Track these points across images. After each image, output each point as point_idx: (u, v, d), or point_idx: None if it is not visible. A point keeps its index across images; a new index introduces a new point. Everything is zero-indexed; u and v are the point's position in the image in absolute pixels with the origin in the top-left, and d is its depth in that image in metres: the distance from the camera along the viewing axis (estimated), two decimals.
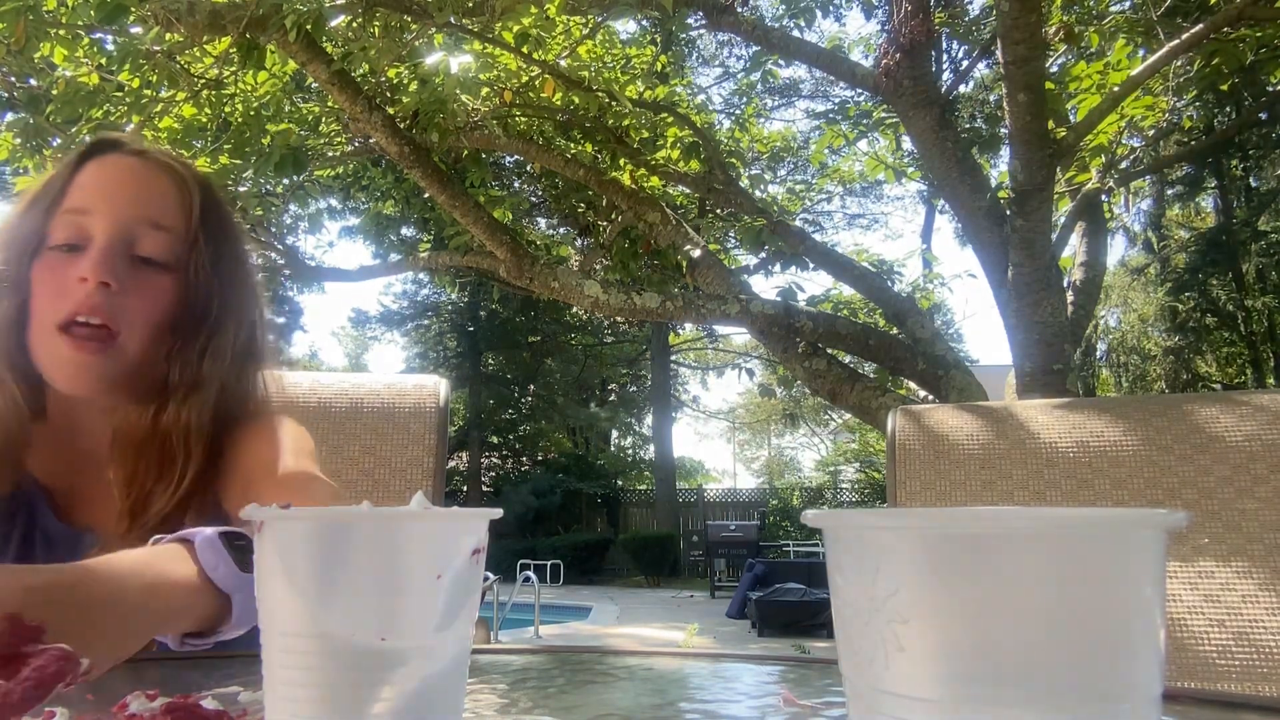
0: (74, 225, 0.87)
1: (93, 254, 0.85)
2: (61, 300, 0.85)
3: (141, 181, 0.91)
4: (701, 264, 4.56)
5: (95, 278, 0.84)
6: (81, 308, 0.84)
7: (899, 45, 3.95)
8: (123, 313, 0.86)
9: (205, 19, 3.56)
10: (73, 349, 0.85)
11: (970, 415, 1.27)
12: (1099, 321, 16.47)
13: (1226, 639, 1.05)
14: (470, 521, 0.44)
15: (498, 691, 0.61)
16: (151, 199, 0.90)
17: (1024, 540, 0.31)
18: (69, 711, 0.50)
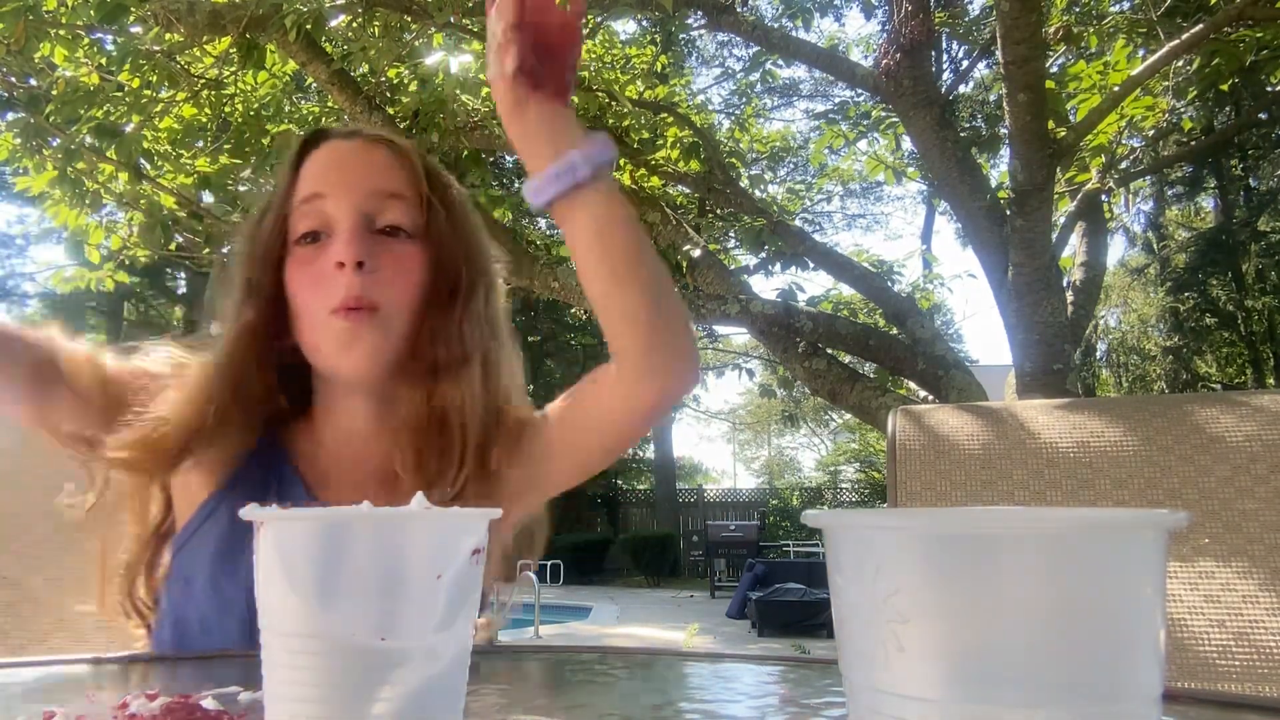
0: (313, 213, 0.88)
1: (342, 236, 0.86)
2: (325, 289, 0.86)
3: (365, 157, 0.92)
4: (701, 264, 4.56)
5: (350, 259, 0.85)
6: (348, 296, 0.85)
7: (899, 45, 3.95)
8: (381, 288, 0.87)
9: (205, 19, 3.55)
10: (347, 323, 0.86)
11: (970, 415, 1.27)
12: (1099, 321, 16.47)
13: (1227, 639, 1.05)
14: (470, 521, 0.44)
15: (498, 691, 0.61)
16: (379, 171, 0.91)
17: (1024, 540, 0.31)
18: (69, 712, 0.50)
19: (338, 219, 0.87)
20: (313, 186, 0.89)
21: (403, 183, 0.91)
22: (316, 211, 0.88)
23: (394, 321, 0.88)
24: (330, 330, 0.87)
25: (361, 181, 0.89)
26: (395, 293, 0.88)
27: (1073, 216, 4.53)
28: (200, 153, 4.80)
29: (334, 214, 0.88)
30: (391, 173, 0.91)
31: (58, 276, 5.09)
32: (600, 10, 4.06)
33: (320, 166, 0.91)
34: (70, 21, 3.87)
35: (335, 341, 0.87)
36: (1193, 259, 15.69)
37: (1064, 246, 4.47)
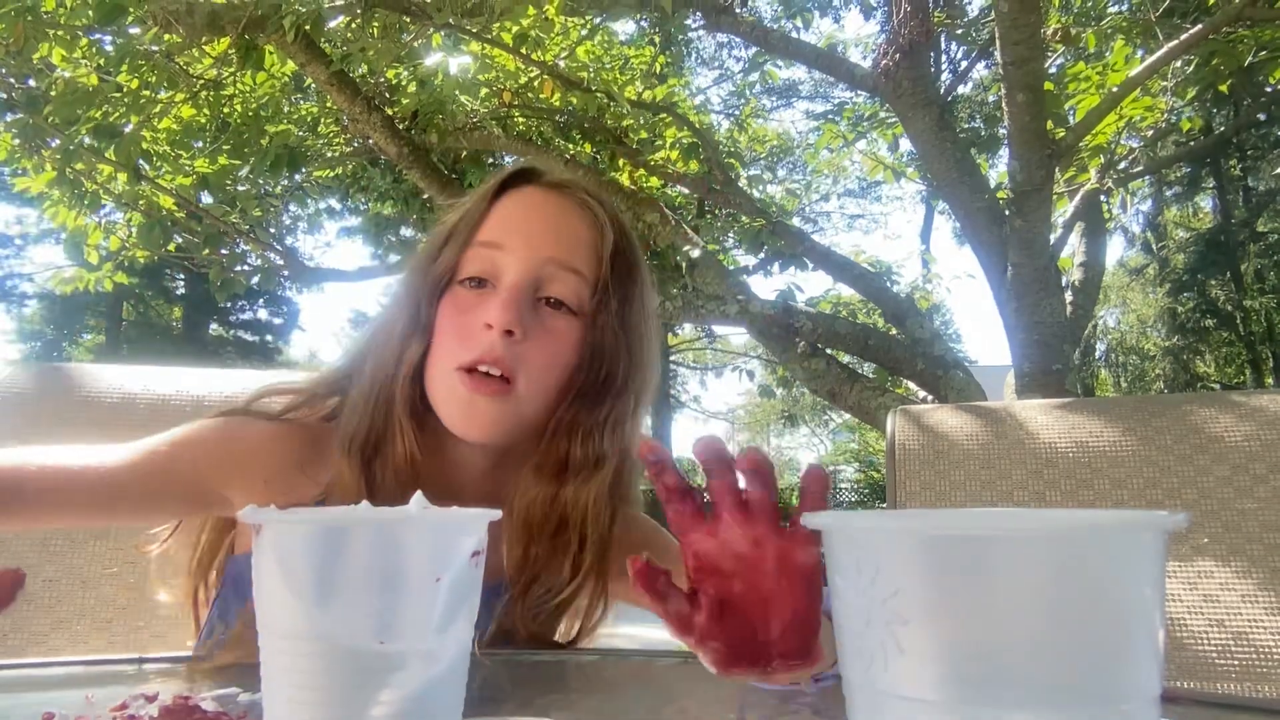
0: (485, 259, 0.84)
1: (501, 297, 0.82)
2: (465, 344, 0.82)
3: (556, 219, 0.87)
4: (700, 264, 4.56)
5: (500, 325, 0.80)
6: (485, 357, 0.81)
7: (898, 46, 3.95)
8: (522, 361, 0.82)
9: (204, 20, 3.55)
10: (470, 389, 0.81)
11: (969, 415, 1.27)
12: (1098, 322, 16.48)
13: (1226, 638, 1.05)
14: (469, 523, 0.44)
15: (497, 693, 0.61)
16: (564, 239, 0.86)
17: (1023, 542, 0.31)
18: (68, 713, 0.50)
19: (505, 276, 0.83)
20: (494, 234, 0.85)
21: (584, 257, 0.86)
22: (489, 259, 0.84)
23: (528, 400, 0.83)
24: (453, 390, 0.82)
25: (541, 246, 0.84)
26: (537, 369, 0.83)
27: (1072, 217, 4.53)
28: (199, 153, 4.80)
29: (504, 269, 0.83)
30: (577, 242, 0.86)
31: (57, 277, 5.09)
32: (599, 11, 4.06)
33: (509, 214, 0.86)
34: (69, 22, 3.87)
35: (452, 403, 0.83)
36: (1191, 259, 15.70)
37: (1063, 247, 4.47)
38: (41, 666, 0.69)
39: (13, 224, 19.11)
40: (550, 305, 0.84)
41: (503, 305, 0.81)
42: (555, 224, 0.86)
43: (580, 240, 0.86)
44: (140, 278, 15.15)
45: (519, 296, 0.82)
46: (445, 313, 0.85)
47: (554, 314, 0.84)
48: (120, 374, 1.23)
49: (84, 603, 1.10)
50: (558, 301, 0.84)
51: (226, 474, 0.86)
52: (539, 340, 0.83)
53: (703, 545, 0.53)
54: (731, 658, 0.52)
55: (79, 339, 20.44)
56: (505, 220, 0.86)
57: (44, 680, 0.63)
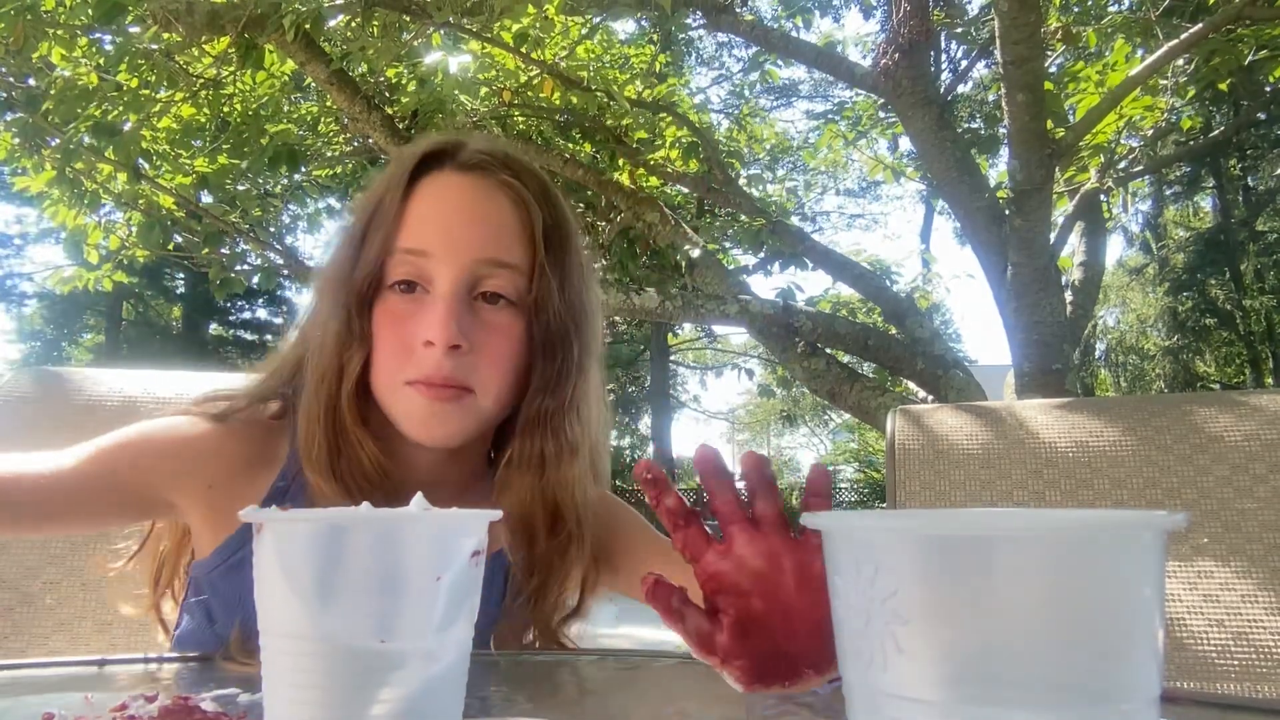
0: (412, 266, 0.81)
1: (437, 311, 0.78)
2: (410, 360, 0.79)
3: (479, 212, 0.82)
4: (700, 264, 4.56)
5: (443, 343, 0.78)
6: (434, 377, 0.78)
7: (898, 45, 3.95)
8: (473, 370, 0.80)
9: (203, 19, 3.55)
10: (430, 397, 0.79)
11: (969, 415, 1.27)
12: (1098, 321, 16.48)
13: (1226, 638, 1.05)
14: (470, 523, 0.44)
15: (497, 693, 0.61)
16: (492, 233, 0.82)
17: (1023, 542, 0.31)
18: (68, 714, 0.50)
19: (437, 283, 0.80)
20: (418, 239, 0.81)
21: (515, 247, 0.82)
22: (415, 266, 0.81)
23: (486, 402, 0.82)
24: (409, 402, 0.80)
25: (470, 246, 0.81)
26: (490, 373, 0.81)
27: (1071, 216, 4.53)
28: (199, 153, 4.80)
29: (434, 276, 0.80)
30: (506, 233, 0.82)
31: (56, 276, 5.09)
32: (599, 10, 4.06)
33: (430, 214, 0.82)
34: (68, 21, 3.87)
35: (412, 415, 0.81)
36: (1191, 259, 15.71)
37: (1063, 246, 4.47)
38: (41, 667, 0.69)
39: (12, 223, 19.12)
40: (488, 300, 0.82)
41: (441, 321, 0.78)
42: (479, 217, 0.82)
43: (508, 229, 0.83)
44: (140, 277, 15.15)
45: (455, 307, 0.79)
46: (381, 322, 0.82)
47: (494, 310, 0.82)
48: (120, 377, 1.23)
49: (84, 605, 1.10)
50: (494, 295, 0.82)
51: (171, 477, 0.84)
52: (484, 343, 0.80)
53: (717, 567, 0.52)
54: (757, 675, 0.51)
55: (79, 338, 20.44)
56: (425, 221, 0.82)
57: (44, 681, 0.63)
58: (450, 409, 0.80)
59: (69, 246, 4.68)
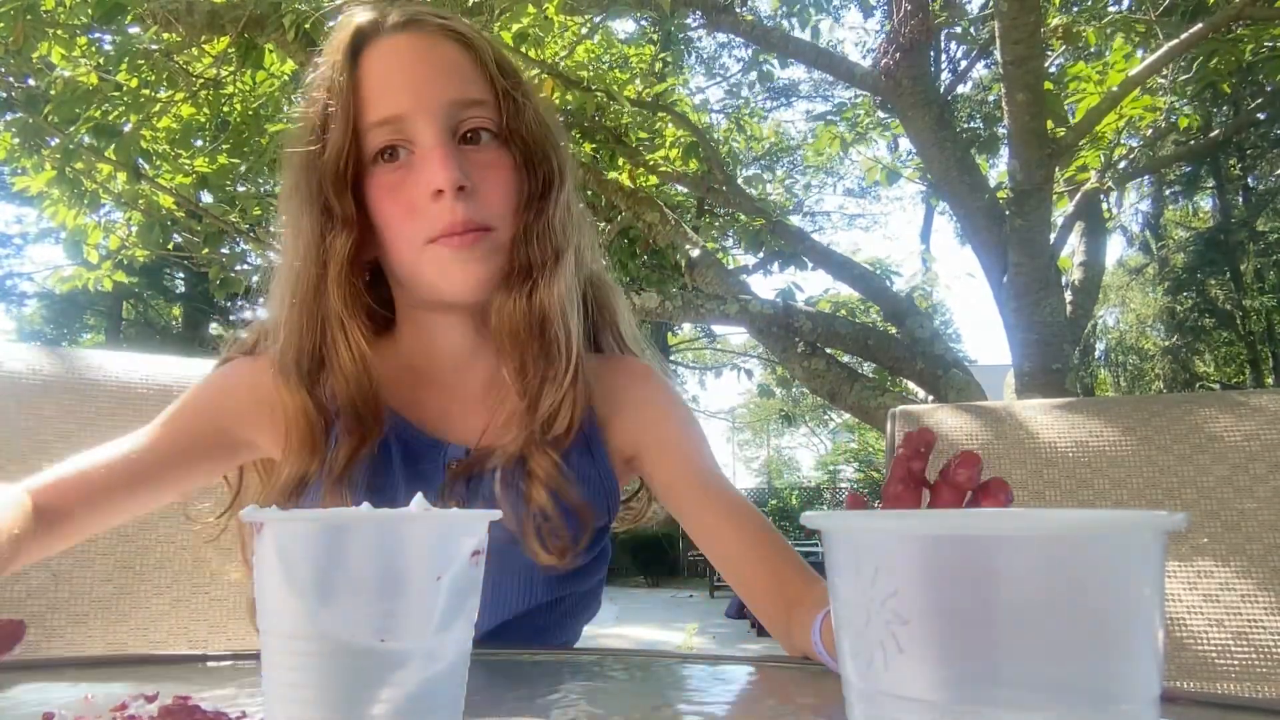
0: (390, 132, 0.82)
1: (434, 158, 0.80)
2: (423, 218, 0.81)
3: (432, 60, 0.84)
4: (700, 264, 4.56)
5: (450, 184, 0.79)
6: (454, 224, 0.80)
7: (898, 45, 3.95)
8: (485, 207, 0.82)
9: (203, 19, 3.55)
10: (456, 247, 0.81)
11: (969, 415, 1.27)
12: (1097, 321, 16.49)
13: (1225, 638, 1.05)
14: (470, 523, 0.44)
15: (497, 693, 0.61)
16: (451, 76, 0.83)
17: (1023, 541, 0.31)
18: (68, 713, 0.50)
19: (421, 137, 0.81)
20: (388, 108, 0.82)
21: (480, 85, 0.84)
22: (394, 130, 0.82)
23: (504, 236, 0.84)
24: (436, 259, 0.82)
25: (440, 93, 0.82)
26: (500, 207, 0.83)
27: (1071, 216, 4.53)
28: (199, 152, 4.80)
29: (415, 133, 0.81)
30: (467, 76, 0.84)
31: (56, 276, 5.09)
32: (599, 10, 4.06)
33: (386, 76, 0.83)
34: (68, 21, 3.87)
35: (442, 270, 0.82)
36: (1191, 259, 15.71)
37: (1063, 246, 4.47)
38: (41, 667, 0.69)
39: (12, 223, 19.13)
40: (470, 142, 0.84)
41: (442, 166, 0.79)
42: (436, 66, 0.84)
43: (465, 69, 0.84)
44: (140, 277, 15.14)
45: (449, 151, 0.81)
46: (378, 197, 0.83)
47: (480, 149, 0.84)
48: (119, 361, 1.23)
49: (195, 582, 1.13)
50: (476, 134, 0.84)
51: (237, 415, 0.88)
52: (484, 179, 0.83)
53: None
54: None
55: (79, 338, 20.45)
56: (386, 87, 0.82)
57: (43, 680, 0.63)
58: (476, 253, 0.82)
59: (69, 246, 4.68)
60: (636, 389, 0.94)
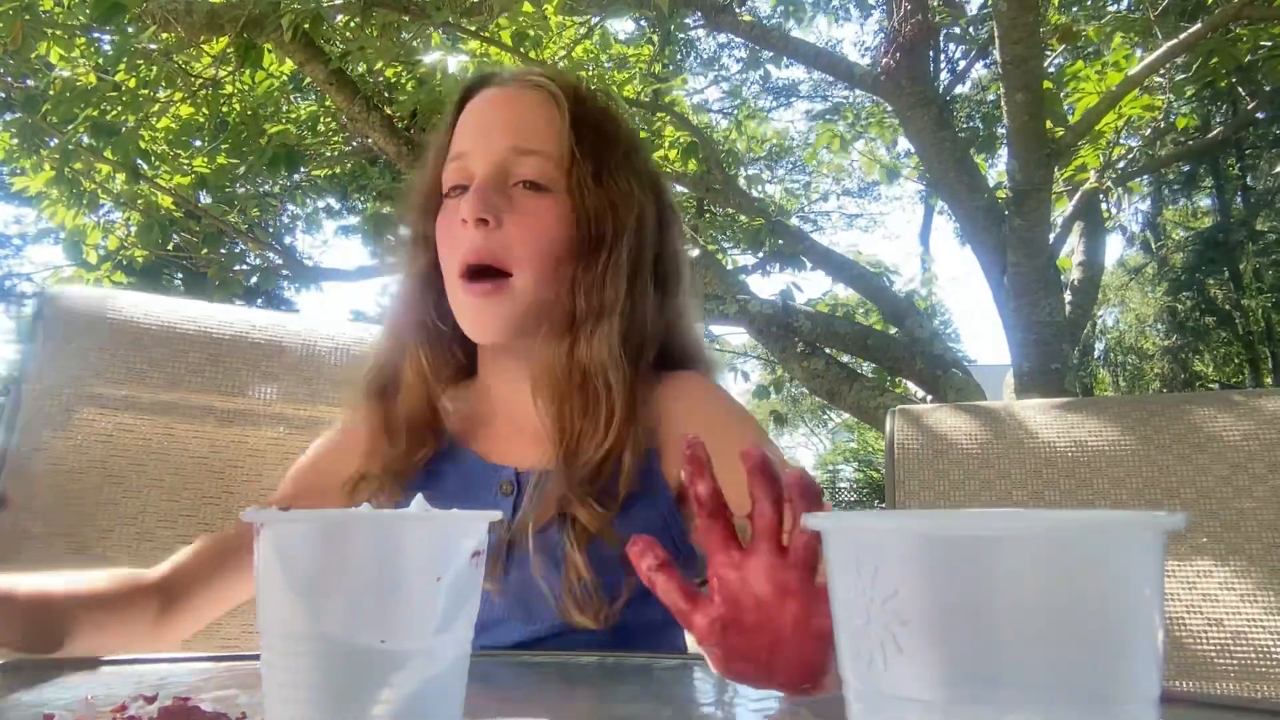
0: (458, 170, 0.89)
1: (469, 193, 0.86)
2: (454, 247, 0.87)
3: (510, 110, 0.90)
4: (700, 263, 4.56)
5: (472, 216, 0.84)
6: (470, 254, 0.85)
7: (897, 45, 3.95)
8: (508, 249, 0.86)
9: (202, 19, 3.55)
10: (470, 294, 0.86)
11: (968, 415, 1.27)
12: (1096, 321, 16.49)
13: (1225, 638, 1.05)
14: (470, 524, 0.44)
15: (497, 694, 0.61)
16: (521, 125, 0.89)
17: (1022, 541, 0.31)
18: (67, 714, 0.50)
19: (476, 175, 0.88)
20: (459, 145, 0.90)
21: (543, 134, 0.89)
22: (462, 169, 0.89)
23: (526, 284, 0.86)
24: (459, 298, 0.88)
25: (501, 139, 0.88)
26: (525, 250, 0.86)
27: (1070, 216, 4.53)
28: (198, 153, 4.80)
29: (474, 171, 0.88)
30: (533, 124, 0.89)
31: (55, 277, 5.09)
32: (597, 10, 4.06)
33: (469, 121, 0.91)
34: (67, 21, 3.86)
35: (460, 309, 0.88)
36: (1190, 258, 15.71)
37: (1062, 246, 4.47)
38: (41, 667, 0.69)
39: (11, 223, 19.10)
40: (527, 189, 0.88)
41: (469, 199, 0.85)
42: (509, 114, 0.90)
43: (536, 121, 0.89)
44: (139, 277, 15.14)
45: (485, 186, 0.86)
46: (440, 226, 0.90)
47: (530, 195, 0.87)
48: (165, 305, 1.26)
49: None
50: (532, 184, 0.87)
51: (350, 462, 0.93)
52: (519, 223, 0.86)
53: (725, 573, 0.51)
54: (726, 667, 0.52)
55: None
56: (466, 128, 0.91)
57: (43, 680, 0.63)
58: (489, 302, 0.86)
59: (68, 246, 4.68)
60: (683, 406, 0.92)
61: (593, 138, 0.90)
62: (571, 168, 0.88)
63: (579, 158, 0.88)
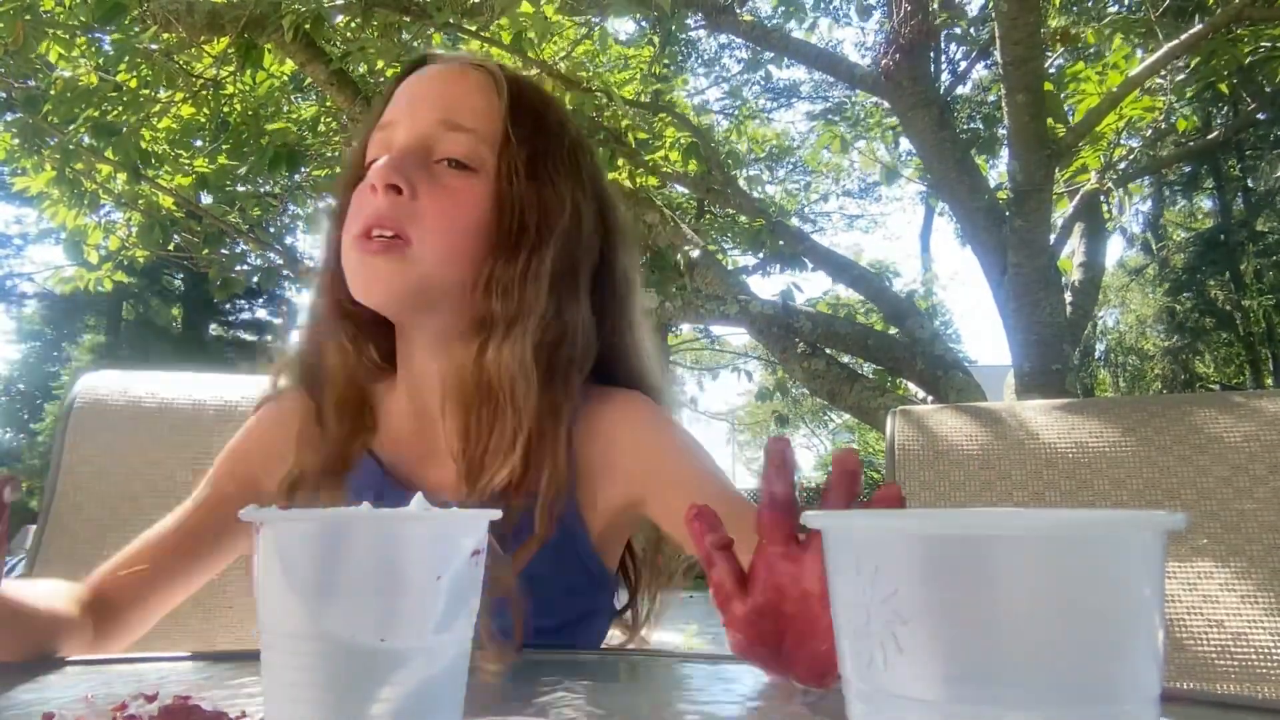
0: (382, 142, 0.84)
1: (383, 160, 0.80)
2: (358, 212, 0.81)
3: (444, 85, 0.85)
4: (700, 264, 4.56)
5: (381, 182, 0.78)
6: (372, 220, 0.79)
7: (898, 45, 3.95)
8: (415, 219, 0.79)
9: (204, 19, 3.55)
10: (361, 250, 0.79)
11: (969, 416, 1.27)
12: (1097, 322, 16.48)
13: (1225, 639, 1.05)
14: (470, 522, 0.44)
15: (496, 693, 0.61)
16: (453, 101, 0.83)
17: (1023, 541, 0.31)
18: (68, 713, 0.50)
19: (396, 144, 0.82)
20: (387, 116, 0.84)
21: (476, 113, 0.82)
22: (385, 140, 0.83)
23: (429, 260, 0.79)
24: (349, 258, 0.81)
25: (430, 111, 0.82)
26: (434, 224, 0.79)
27: (1071, 217, 4.53)
28: (199, 153, 4.80)
29: (395, 140, 0.82)
30: (466, 101, 0.83)
31: (56, 277, 5.09)
32: (598, 10, 4.06)
33: (402, 95, 0.86)
34: (67, 21, 3.87)
35: (352, 270, 0.81)
36: (1191, 259, 15.71)
37: (1063, 247, 4.47)
38: (41, 667, 0.69)
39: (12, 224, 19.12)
40: (452, 167, 0.81)
41: (384, 165, 0.79)
42: (443, 89, 0.84)
43: (471, 98, 0.83)
44: (140, 278, 15.12)
45: (402, 156, 0.80)
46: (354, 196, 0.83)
47: (452, 173, 0.81)
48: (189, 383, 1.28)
49: None
50: (457, 163, 0.81)
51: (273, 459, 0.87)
52: (433, 197, 0.80)
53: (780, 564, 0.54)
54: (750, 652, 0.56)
55: (79, 339, 20.43)
56: (398, 102, 0.85)
57: (43, 680, 0.63)
58: (379, 261, 0.79)
59: (69, 247, 4.68)
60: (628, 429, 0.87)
61: (531, 125, 0.84)
62: (503, 150, 0.82)
63: (512, 141, 0.82)
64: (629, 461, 0.85)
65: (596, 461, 0.85)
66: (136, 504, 1.17)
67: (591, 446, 0.85)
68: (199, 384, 1.27)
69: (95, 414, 1.21)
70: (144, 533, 0.85)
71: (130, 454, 1.20)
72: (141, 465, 1.19)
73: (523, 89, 0.86)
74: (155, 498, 1.16)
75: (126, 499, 1.17)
